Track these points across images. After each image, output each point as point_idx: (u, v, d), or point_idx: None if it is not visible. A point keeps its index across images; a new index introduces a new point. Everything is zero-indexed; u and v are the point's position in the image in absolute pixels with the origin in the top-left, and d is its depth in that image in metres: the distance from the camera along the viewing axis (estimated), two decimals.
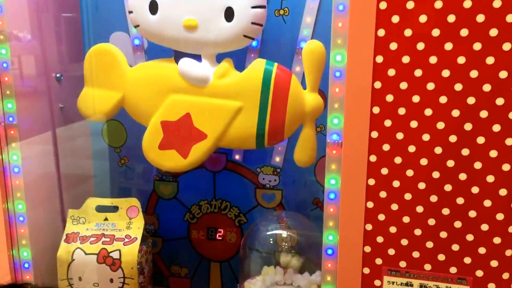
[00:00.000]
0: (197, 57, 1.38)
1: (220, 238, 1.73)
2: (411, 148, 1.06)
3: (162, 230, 1.77)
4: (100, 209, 1.59)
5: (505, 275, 1.08)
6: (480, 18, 0.98)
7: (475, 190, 1.05)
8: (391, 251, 1.13)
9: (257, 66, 1.35)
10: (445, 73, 1.01)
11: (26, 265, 1.43)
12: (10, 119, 1.37)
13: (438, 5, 0.99)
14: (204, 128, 1.37)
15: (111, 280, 1.49)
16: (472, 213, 1.06)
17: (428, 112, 1.03)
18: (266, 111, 1.32)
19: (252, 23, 1.32)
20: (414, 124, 1.05)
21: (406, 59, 1.03)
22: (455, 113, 1.02)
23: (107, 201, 1.60)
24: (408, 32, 1.02)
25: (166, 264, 1.79)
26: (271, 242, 1.51)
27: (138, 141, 1.62)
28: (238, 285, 1.54)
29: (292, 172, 1.63)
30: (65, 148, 1.67)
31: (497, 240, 1.06)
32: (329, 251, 1.20)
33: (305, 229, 1.51)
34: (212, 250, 1.75)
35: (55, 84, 1.62)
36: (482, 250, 1.08)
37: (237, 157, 1.65)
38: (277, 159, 1.62)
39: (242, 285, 1.51)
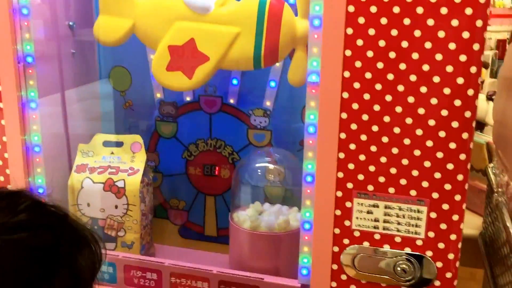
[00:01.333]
0: None
1: (215, 174, 1.84)
2: (378, 86, 1.19)
3: (162, 166, 1.88)
4: (107, 144, 1.71)
5: (457, 197, 1.20)
6: None
7: (431, 122, 1.18)
8: (361, 177, 1.25)
9: None
10: (406, 21, 1.15)
11: (41, 190, 1.56)
12: (29, 59, 1.48)
13: None
14: (207, 51, 1.48)
15: (116, 206, 1.63)
16: (429, 143, 1.19)
17: (392, 55, 1.18)
18: (261, 35, 1.44)
19: None
20: (380, 65, 1.18)
21: (373, 9, 1.16)
22: (415, 56, 1.16)
23: (113, 137, 1.73)
24: None
25: (166, 197, 1.90)
26: (259, 174, 1.65)
27: (142, 85, 1.76)
28: (230, 213, 1.67)
29: (281, 115, 1.75)
30: (75, 109, 1.80)
31: (450, 166, 1.19)
32: (308, 178, 1.33)
33: (291, 163, 1.64)
34: (208, 185, 1.86)
35: (67, 51, 1.75)
36: (437, 175, 1.20)
37: (231, 100, 1.77)
38: (268, 103, 1.73)
39: (232, 215, 1.64)
